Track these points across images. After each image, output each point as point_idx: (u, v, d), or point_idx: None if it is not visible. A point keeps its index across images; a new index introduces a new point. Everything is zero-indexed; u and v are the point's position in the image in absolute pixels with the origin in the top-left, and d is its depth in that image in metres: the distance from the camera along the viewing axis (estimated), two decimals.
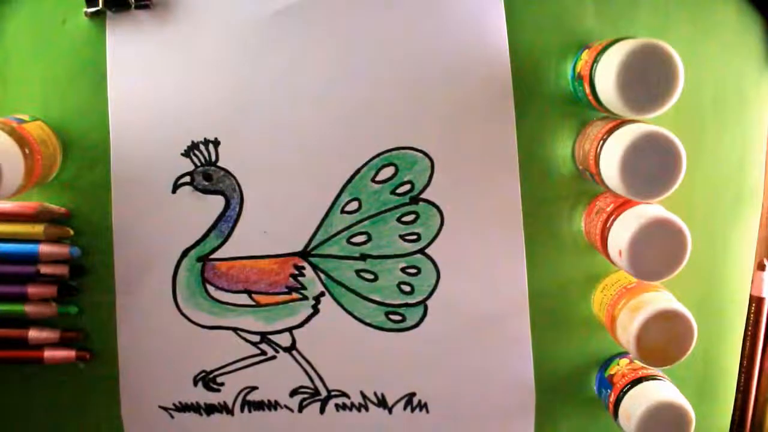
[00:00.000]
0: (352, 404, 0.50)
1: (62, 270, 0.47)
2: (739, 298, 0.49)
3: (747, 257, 0.49)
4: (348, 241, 0.48)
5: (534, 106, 0.46)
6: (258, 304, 0.49)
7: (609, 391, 0.47)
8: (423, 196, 0.47)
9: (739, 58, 0.46)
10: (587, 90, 0.43)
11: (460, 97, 0.46)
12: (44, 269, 0.46)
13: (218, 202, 0.47)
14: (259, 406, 0.50)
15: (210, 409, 0.50)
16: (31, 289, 0.47)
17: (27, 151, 0.42)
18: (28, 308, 0.47)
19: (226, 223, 0.47)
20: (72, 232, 0.47)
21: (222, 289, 0.48)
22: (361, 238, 0.48)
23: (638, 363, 0.47)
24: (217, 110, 0.46)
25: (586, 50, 0.44)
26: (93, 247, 0.48)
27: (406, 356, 0.49)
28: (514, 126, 0.46)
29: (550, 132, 0.46)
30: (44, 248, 0.46)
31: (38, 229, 0.46)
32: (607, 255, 0.44)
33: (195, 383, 0.50)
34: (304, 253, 0.48)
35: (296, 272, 0.48)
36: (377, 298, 0.48)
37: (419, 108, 0.46)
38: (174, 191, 0.47)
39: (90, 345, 0.49)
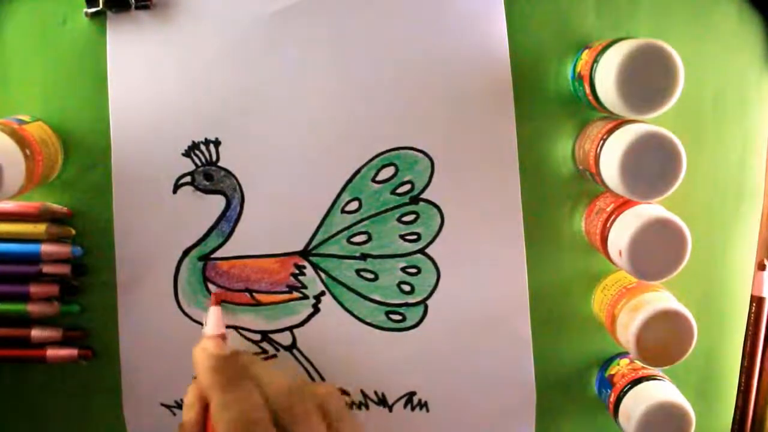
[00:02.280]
0: (353, 403, 0.50)
1: (64, 269, 0.47)
2: (739, 298, 0.49)
3: (747, 257, 0.48)
4: (348, 240, 0.48)
5: (534, 106, 0.46)
6: (259, 303, 0.49)
7: (609, 391, 0.47)
8: (423, 196, 0.47)
9: (739, 58, 0.46)
10: (587, 90, 0.43)
11: (460, 97, 0.46)
12: (46, 269, 0.47)
13: (219, 201, 0.47)
14: None
15: None
16: (34, 289, 0.47)
17: (28, 152, 0.42)
18: (31, 307, 0.47)
19: (227, 222, 0.47)
20: (74, 232, 0.47)
21: (223, 287, 0.48)
22: (362, 238, 0.48)
23: (638, 363, 0.47)
24: (218, 110, 0.46)
25: (586, 50, 0.44)
26: (94, 247, 0.48)
27: (406, 355, 0.49)
28: (514, 126, 0.46)
29: (550, 132, 0.46)
30: (46, 248, 0.46)
31: (40, 228, 0.46)
32: (607, 255, 0.44)
33: None
34: (305, 253, 0.48)
35: (297, 271, 0.48)
36: (377, 298, 0.48)
37: (419, 108, 0.46)
38: (175, 191, 0.47)
39: (92, 344, 0.49)
